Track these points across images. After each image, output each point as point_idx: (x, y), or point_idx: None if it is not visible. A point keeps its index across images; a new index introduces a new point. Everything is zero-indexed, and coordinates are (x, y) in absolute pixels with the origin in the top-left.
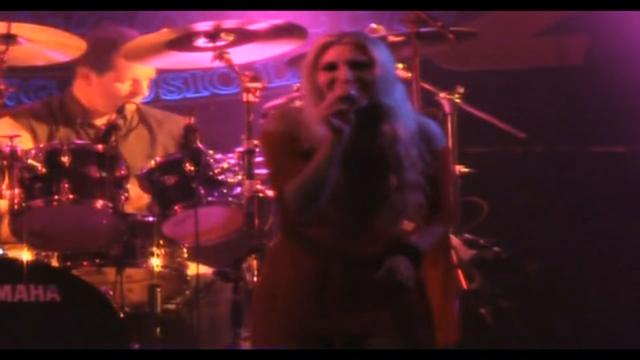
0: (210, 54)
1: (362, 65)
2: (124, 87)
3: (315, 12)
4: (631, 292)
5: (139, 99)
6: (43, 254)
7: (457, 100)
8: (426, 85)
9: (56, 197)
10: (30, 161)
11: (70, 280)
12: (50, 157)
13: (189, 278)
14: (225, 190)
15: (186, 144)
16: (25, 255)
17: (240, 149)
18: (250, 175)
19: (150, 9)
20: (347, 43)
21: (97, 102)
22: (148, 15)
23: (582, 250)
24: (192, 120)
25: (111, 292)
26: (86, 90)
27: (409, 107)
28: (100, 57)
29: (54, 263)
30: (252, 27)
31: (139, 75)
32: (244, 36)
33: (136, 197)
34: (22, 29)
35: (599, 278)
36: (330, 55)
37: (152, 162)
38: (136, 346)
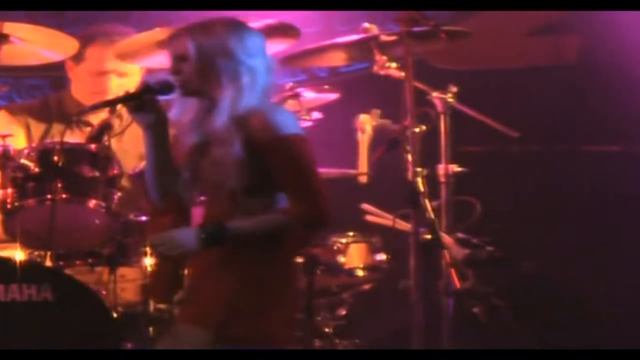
0: None
1: (181, 57)
2: (98, 81)
3: (308, 11)
4: (626, 291)
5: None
6: (36, 253)
7: (450, 100)
8: (419, 85)
9: (49, 196)
10: (23, 160)
11: (63, 279)
12: (43, 156)
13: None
14: None
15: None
16: (18, 254)
17: None
18: None
19: (143, 9)
20: (176, 37)
21: (83, 97)
22: (142, 14)
23: (577, 249)
24: None
25: (104, 292)
26: (75, 85)
27: (231, 96)
28: (79, 49)
29: (47, 262)
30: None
31: (108, 68)
32: None
33: (132, 196)
34: (15, 29)
35: (594, 277)
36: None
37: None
38: (129, 346)
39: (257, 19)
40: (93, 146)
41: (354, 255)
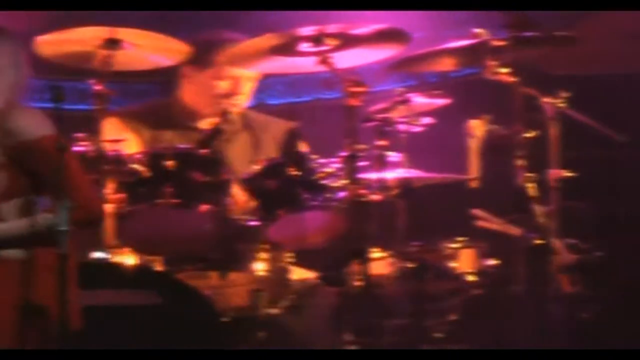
0: (314, 58)
1: None
2: (223, 86)
3: (417, 16)
4: None
5: (241, 101)
6: (147, 258)
7: (561, 105)
8: (529, 90)
9: (160, 201)
10: (134, 165)
11: (173, 284)
12: (154, 161)
13: (292, 282)
14: (328, 195)
15: (289, 148)
16: (129, 259)
17: (343, 154)
18: (353, 180)
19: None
20: None
21: (198, 102)
22: (251, 20)
23: None
24: (295, 124)
25: (214, 297)
26: (190, 91)
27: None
28: (201, 55)
29: (158, 267)
30: (355, 31)
31: (238, 74)
32: (347, 41)
33: (242, 202)
34: (128, 34)
35: None
36: None
37: (256, 167)
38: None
39: (367, 24)
40: (204, 151)
41: (464, 261)
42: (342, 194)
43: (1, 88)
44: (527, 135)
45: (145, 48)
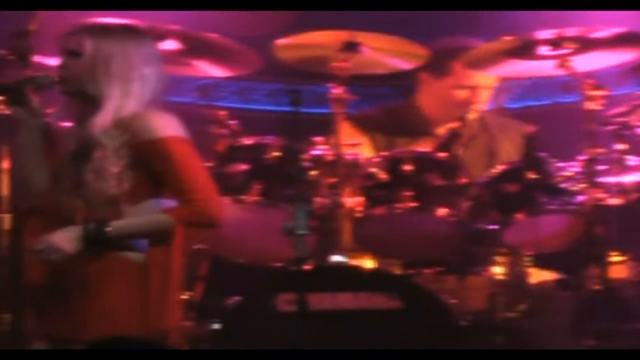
0: (552, 61)
1: (73, 53)
2: (462, 94)
3: None
4: None
5: (479, 107)
6: (385, 261)
7: None
8: None
9: (398, 205)
10: (372, 169)
11: (411, 288)
12: (392, 165)
13: (529, 286)
14: (566, 199)
15: (527, 152)
16: (367, 262)
17: (582, 157)
18: (592, 184)
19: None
20: (73, 32)
21: (436, 110)
22: (490, 22)
23: None
24: (533, 127)
25: (453, 300)
26: (427, 97)
27: (117, 100)
28: (440, 63)
29: (397, 271)
30: (595, 35)
31: (477, 82)
32: (586, 44)
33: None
34: (365, 38)
35: None
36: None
37: (494, 170)
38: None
39: (605, 28)
40: (442, 155)
41: None
42: (581, 198)
43: (143, 92)
44: None
45: (384, 51)
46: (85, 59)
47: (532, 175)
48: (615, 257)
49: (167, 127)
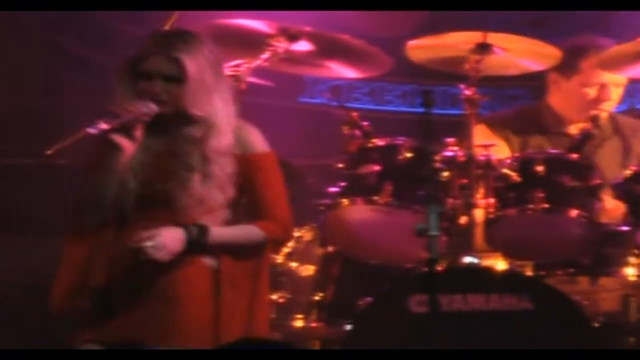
0: None
1: (173, 78)
2: (591, 92)
3: None
4: None
5: (609, 107)
6: (517, 263)
7: None
8: None
9: (530, 206)
10: (504, 170)
11: (543, 289)
12: (525, 166)
13: None
14: None
15: None
16: (499, 264)
17: None
18: None
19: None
20: (161, 53)
21: (567, 109)
22: (622, 22)
23: None
24: None
25: (585, 302)
26: (557, 97)
27: (225, 114)
28: (568, 62)
29: (528, 272)
30: None
31: (606, 80)
32: None
33: (612, 208)
34: (498, 39)
35: None
36: (147, 65)
37: (627, 171)
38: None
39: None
40: (574, 156)
41: None
42: None
43: (230, 99)
44: None
45: (516, 52)
46: (186, 83)
47: None
48: None
49: (264, 142)
